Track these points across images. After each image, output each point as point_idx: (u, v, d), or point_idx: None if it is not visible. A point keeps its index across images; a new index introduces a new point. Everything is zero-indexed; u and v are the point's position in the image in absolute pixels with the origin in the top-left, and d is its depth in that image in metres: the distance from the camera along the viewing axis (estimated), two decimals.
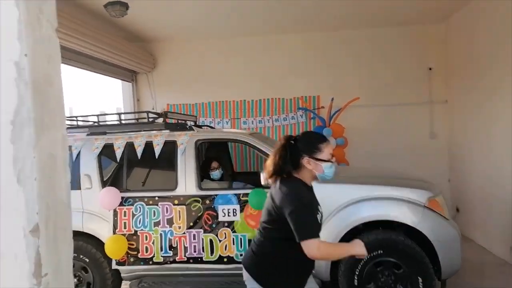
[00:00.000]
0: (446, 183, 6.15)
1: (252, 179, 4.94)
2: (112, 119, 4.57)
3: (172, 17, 5.44)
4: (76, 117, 3.93)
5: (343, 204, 3.29)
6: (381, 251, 3.11)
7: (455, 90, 5.88)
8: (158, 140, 3.62)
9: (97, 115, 3.91)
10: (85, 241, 3.52)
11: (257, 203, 3.33)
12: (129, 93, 6.58)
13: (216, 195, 3.47)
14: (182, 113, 5.57)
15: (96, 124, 3.98)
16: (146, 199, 3.51)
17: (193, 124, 4.56)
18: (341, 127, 5.79)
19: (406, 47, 6.17)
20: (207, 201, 3.46)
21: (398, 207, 3.21)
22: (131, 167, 3.71)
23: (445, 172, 6.22)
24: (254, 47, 6.54)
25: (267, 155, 3.56)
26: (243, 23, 5.86)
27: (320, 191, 3.39)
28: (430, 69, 6.12)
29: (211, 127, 5.05)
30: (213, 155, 4.51)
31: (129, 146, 3.64)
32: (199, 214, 3.45)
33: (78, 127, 3.87)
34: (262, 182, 3.33)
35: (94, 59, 5.50)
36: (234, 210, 3.43)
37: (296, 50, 6.43)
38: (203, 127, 4.77)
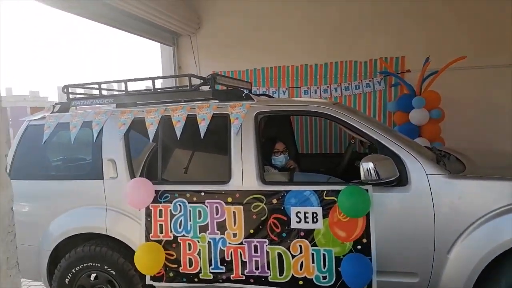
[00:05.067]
0: None
1: (324, 164, 3.83)
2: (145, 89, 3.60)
3: None
4: (98, 83, 2.99)
5: (492, 212, 2.08)
6: None
7: None
8: (204, 113, 2.58)
9: (125, 81, 2.93)
10: (111, 248, 2.63)
11: (351, 207, 2.21)
12: (169, 59, 5.61)
13: (286, 191, 2.39)
14: (235, 77, 4.49)
15: (122, 93, 2.99)
16: (188, 195, 2.52)
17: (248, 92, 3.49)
18: (437, 96, 4.43)
19: None
20: (274, 200, 2.40)
21: None
22: (168, 151, 2.73)
23: None
24: None
25: (361, 133, 2.40)
26: None
27: (452, 188, 2.14)
28: None
29: (270, 97, 3.93)
30: (274, 134, 3.42)
31: (166, 122, 2.65)
32: (262, 218, 2.41)
33: (97, 97, 2.93)
34: (362, 176, 2.19)
35: (129, 16, 4.54)
36: (315, 215, 2.34)
37: None
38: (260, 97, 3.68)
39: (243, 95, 2.78)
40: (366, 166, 2.17)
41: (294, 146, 3.96)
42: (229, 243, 2.46)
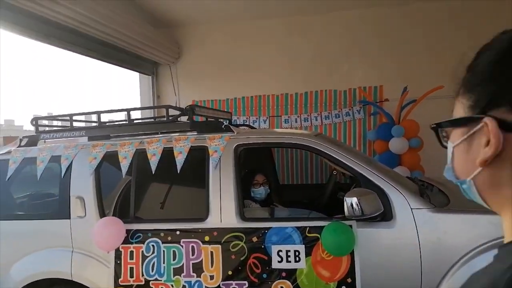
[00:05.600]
0: None
1: (305, 196, 3.74)
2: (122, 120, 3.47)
3: None
4: (69, 115, 2.84)
5: (480, 247, 2.01)
6: None
7: None
8: (181, 146, 2.47)
9: (98, 112, 2.80)
10: None
11: (335, 244, 2.10)
12: (148, 88, 5.52)
13: (267, 228, 2.27)
14: (214, 108, 4.42)
15: (94, 125, 2.86)
16: (162, 234, 2.35)
17: (227, 123, 3.42)
18: (416, 125, 4.46)
19: (500, 20, 4.74)
20: (254, 238, 2.27)
21: None
22: (142, 187, 2.58)
23: None
24: (298, 29, 5.32)
25: (344, 166, 2.34)
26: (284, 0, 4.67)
27: (438, 223, 2.10)
28: None
29: (251, 127, 3.87)
30: (254, 165, 3.32)
31: (140, 155, 2.52)
32: (241, 258, 2.27)
33: (68, 129, 2.77)
34: (346, 212, 2.10)
35: (107, 46, 4.46)
36: (297, 253, 2.22)
37: (353, 30, 5.15)
38: (240, 127, 3.61)
39: (223, 126, 2.70)
40: (350, 201, 2.08)
41: (275, 177, 3.86)
42: (206, 287, 2.29)
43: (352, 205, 2.06)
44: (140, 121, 3.09)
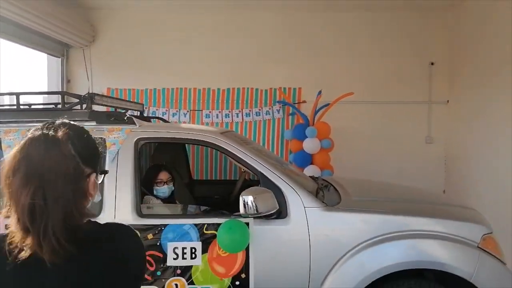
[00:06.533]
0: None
1: (218, 192, 3.74)
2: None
3: None
4: None
5: (362, 244, 2.18)
6: None
7: (459, 90, 5.03)
8: None
9: None
10: None
11: (229, 241, 2.12)
12: (57, 71, 5.06)
13: (164, 225, 2.21)
14: (121, 98, 4.18)
15: None
16: None
17: (138, 115, 3.29)
18: (328, 127, 4.71)
19: (406, 36, 5.21)
20: (150, 236, 2.20)
21: (445, 250, 2.15)
22: None
23: (440, 182, 5.38)
24: (224, 25, 5.29)
25: (245, 164, 2.37)
26: None
27: (327, 221, 2.32)
28: (431, 64, 5.22)
29: (165, 121, 3.75)
30: (162, 160, 3.23)
31: None
32: None
33: None
34: (242, 210, 2.13)
35: (13, 25, 3.99)
36: (193, 250, 2.19)
37: (277, 32, 5.27)
38: (152, 120, 3.48)
39: (125, 118, 2.56)
40: (245, 199, 2.11)
41: (187, 173, 3.81)
42: None
43: (247, 203, 2.09)
44: (34, 107, 2.81)
